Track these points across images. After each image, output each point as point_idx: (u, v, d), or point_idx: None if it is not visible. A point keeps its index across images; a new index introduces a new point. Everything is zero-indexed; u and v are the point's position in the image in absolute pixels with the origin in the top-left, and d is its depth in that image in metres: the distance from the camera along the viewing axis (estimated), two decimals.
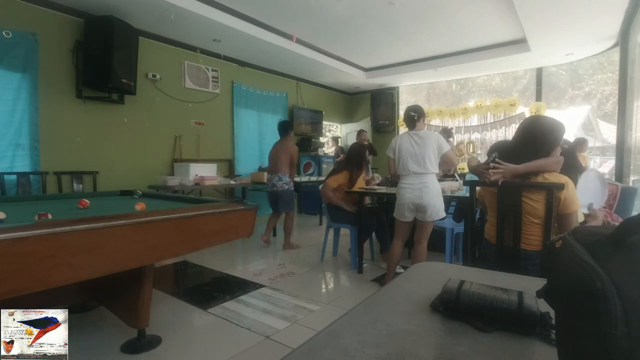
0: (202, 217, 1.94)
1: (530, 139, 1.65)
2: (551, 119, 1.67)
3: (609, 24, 4.30)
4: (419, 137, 2.67)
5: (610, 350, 0.34)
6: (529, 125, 1.68)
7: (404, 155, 2.67)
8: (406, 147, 2.67)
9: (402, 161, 2.69)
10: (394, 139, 2.79)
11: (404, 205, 2.70)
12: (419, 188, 2.64)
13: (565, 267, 0.41)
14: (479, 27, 4.79)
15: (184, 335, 2.17)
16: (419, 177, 2.66)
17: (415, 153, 2.64)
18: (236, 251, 4.30)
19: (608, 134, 9.04)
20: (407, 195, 2.67)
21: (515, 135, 1.75)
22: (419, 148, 2.64)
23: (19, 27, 3.51)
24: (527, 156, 1.65)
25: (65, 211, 1.95)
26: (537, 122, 1.68)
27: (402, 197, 2.70)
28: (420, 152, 2.63)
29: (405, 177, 2.70)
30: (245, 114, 5.94)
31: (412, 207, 2.70)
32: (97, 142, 4.15)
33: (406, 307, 0.73)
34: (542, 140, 1.62)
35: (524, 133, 1.68)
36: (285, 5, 4.15)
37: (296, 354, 0.56)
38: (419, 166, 2.65)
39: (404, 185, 2.70)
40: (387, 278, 2.90)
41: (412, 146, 2.65)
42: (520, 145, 1.69)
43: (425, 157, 2.63)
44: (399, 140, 2.73)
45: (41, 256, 1.31)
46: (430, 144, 2.64)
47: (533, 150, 1.64)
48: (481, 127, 6.85)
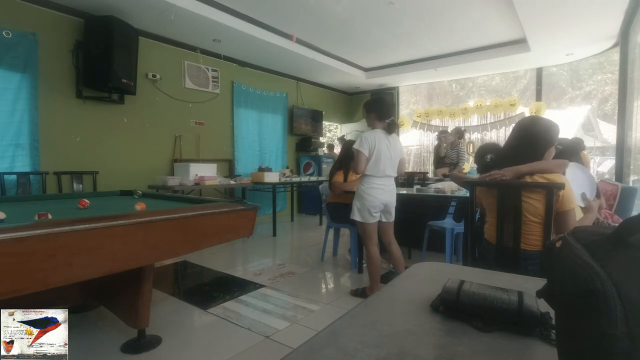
0: (202, 217, 1.94)
1: (526, 140, 1.67)
2: (546, 120, 1.70)
3: (609, 24, 4.30)
4: (392, 140, 2.70)
5: (611, 350, 0.34)
6: (525, 126, 1.71)
7: (383, 158, 2.63)
8: (384, 150, 2.64)
9: (379, 163, 2.64)
10: (370, 137, 2.62)
11: (376, 206, 2.68)
12: (391, 190, 2.73)
13: (565, 267, 0.41)
14: (479, 27, 4.79)
15: (184, 335, 2.17)
16: (390, 180, 2.75)
17: (391, 156, 2.67)
18: (236, 251, 4.30)
19: (608, 134, 9.04)
20: (381, 197, 2.67)
21: (510, 137, 1.76)
22: (393, 152, 2.69)
23: (19, 27, 3.51)
24: (524, 157, 1.67)
25: (65, 211, 1.94)
26: (532, 123, 1.71)
27: (375, 198, 2.66)
28: (393, 156, 2.69)
29: (379, 179, 2.68)
30: (245, 114, 5.94)
31: (382, 207, 2.72)
32: (97, 142, 4.15)
33: (406, 307, 0.73)
34: (538, 140, 1.65)
35: (519, 134, 1.70)
36: (285, 5, 4.15)
37: (296, 354, 0.56)
38: (393, 170, 2.72)
39: (377, 187, 2.66)
40: (374, 287, 2.76)
41: (388, 149, 2.66)
42: (516, 146, 1.71)
43: (396, 161, 2.74)
44: (376, 142, 2.62)
45: (41, 256, 1.31)
46: (399, 149, 2.76)
47: (529, 151, 1.66)
48: (481, 127, 6.86)
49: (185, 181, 4.25)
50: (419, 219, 3.70)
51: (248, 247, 4.45)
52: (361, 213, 2.70)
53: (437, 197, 3.06)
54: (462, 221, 3.23)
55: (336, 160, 3.84)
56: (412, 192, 3.27)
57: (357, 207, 2.72)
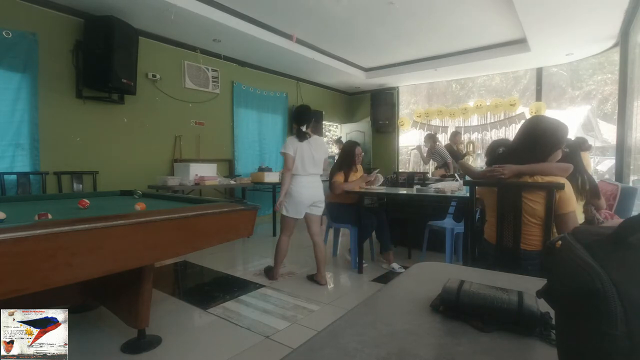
0: (202, 217, 1.94)
1: (531, 139, 1.63)
2: (554, 120, 1.64)
3: (609, 24, 4.29)
4: (314, 142, 3.06)
5: (610, 350, 0.34)
6: (531, 125, 1.66)
7: (305, 159, 3.00)
8: (306, 152, 3.01)
9: (303, 163, 3.00)
10: (292, 141, 3.03)
11: (304, 202, 3.03)
12: (316, 187, 3.10)
13: (565, 267, 0.41)
14: (479, 27, 4.79)
15: (184, 335, 2.17)
16: (315, 177, 3.11)
17: (313, 156, 3.04)
18: (236, 251, 4.30)
19: (608, 134, 9.04)
20: (308, 193, 3.03)
21: (516, 136, 1.73)
22: (316, 152, 3.05)
23: (19, 27, 3.51)
24: (528, 156, 1.64)
25: (65, 211, 1.94)
26: (539, 122, 1.66)
27: (302, 195, 3.01)
28: (316, 156, 3.05)
29: (304, 177, 3.03)
30: (245, 114, 5.94)
31: (309, 203, 3.07)
32: (97, 142, 4.15)
33: (406, 307, 0.73)
34: (543, 140, 1.61)
35: (525, 132, 1.67)
36: (285, 5, 4.15)
37: (296, 354, 0.56)
38: (316, 168, 3.08)
39: (304, 184, 3.02)
40: (275, 272, 3.17)
41: (310, 150, 3.03)
42: (521, 145, 1.68)
43: (320, 161, 3.10)
44: (298, 145, 3.00)
45: (41, 256, 1.31)
46: (323, 149, 3.12)
47: (533, 151, 1.63)
48: (481, 127, 6.85)
49: (185, 181, 4.25)
50: (419, 219, 3.71)
51: (248, 247, 4.45)
52: (288, 209, 3.05)
53: (437, 197, 3.05)
54: (462, 221, 3.23)
55: (336, 161, 3.85)
56: (412, 192, 3.27)
57: (286, 203, 3.06)
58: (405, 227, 4.04)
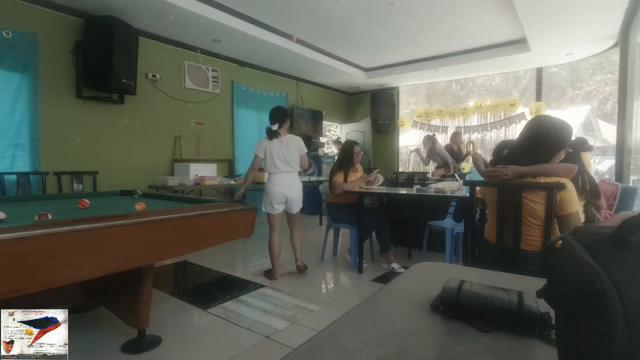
0: (202, 217, 1.94)
1: (534, 139, 1.61)
2: (558, 120, 1.61)
3: (609, 24, 4.29)
4: (285, 140, 3.16)
5: (611, 350, 0.34)
6: (535, 125, 1.63)
7: (275, 157, 3.11)
8: (277, 150, 3.11)
9: (274, 162, 3.11)
10: (262, 142, 3.19)
11: (277, 198, 3.13)
12: (290, 184, 3.16)
13: (565, 267, 0.41)
14: (479, 27, 4.79)
15: (184, 335, 2.17)
16: (288, 174, 3.17)
17: (284, 155, 3.12)
18: (236, 251, 4.30)
19: (608, 134, 9.04)
20: (280, 190, 3.12)
21: (520, 135, 1.70)
22: (287, 150, 3.13)
23: (19, 27, 3.51)
24: (532, 157, 1.62)
25: (65, 211, 1.94)
26: (542, 122, 1.62)
27: (274, 192, 3.12)
28: (287, 154, 3.13)
29: (277, 175, 3.15)
30: (245, 114, 5.94)
31: (282, 199, 3.15)
32: (97, 142, 4.15)
33: (406, 307, 0.73)
34: (547, 141, 1.58)
35: (529, 132, 1.64)
36: (285, 5, 4.15)
37: (296, 354, 0.56)
38: (289, 166, 3.15)
39: (275, 182, 3.13)
40: (274, 271, 3.21)
41: (281, 149, 3.12)
42: (524, 145, 1.65)
43: (293, 158, 3.16)
44: (268, 145, 3.13)
45: (41, 256, 1.31)
46: (296, 146, 3.19)
47: (537, 151, 1.61)
48: (481, 127, 6.85)
49: (185, 181, 4.25)
50: (419, 219, 3.71)
51: (248, 247, 4.45)
52: (265, 205, 3.17)
53: (437, 197, 3.05)
54: (462, 221, 3.23)
55: (336, 161, 3.85)
56: (412, 192, 3.27)
57: (263, 200, 3.20)
58: (405, 227, 4.03)
